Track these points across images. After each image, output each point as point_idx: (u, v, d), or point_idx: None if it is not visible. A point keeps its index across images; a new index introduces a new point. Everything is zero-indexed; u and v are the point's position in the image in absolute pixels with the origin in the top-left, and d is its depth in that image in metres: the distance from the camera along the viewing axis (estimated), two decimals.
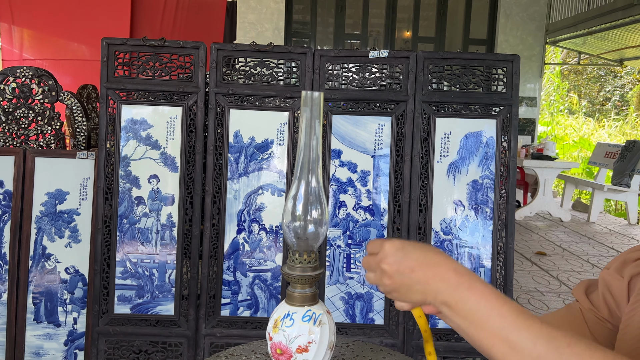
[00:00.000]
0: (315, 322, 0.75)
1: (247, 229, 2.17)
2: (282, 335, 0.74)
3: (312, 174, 0.77)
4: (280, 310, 0.77)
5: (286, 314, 0.76)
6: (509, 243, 2.14)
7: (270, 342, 0.76)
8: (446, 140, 2.16)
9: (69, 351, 2.17)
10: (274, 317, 0.76)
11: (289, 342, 0.74)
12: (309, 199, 0.77)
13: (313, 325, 0.75)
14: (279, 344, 0.74)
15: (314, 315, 0.76)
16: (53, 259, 2.18)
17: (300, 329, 0.74)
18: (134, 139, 2.15)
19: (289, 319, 0.75)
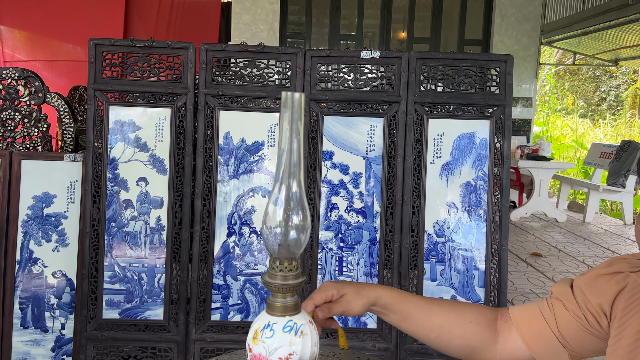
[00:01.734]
0: (296, 332, 0.72)
1: (238, 232, 2.14)
2: (262, 347, 0.71)
3: (294, 178, 0.74)
4: (261, 321, 0.74)
5: (266, 325, 0.73)
6: (502, 245, 2.11)
7: (250, 353, 0.73)
8: (439, 142, 2.13)
9: (57, 357, 2.13)
10: (254, 328, 0.73)
11: (269, 353, 0.71)
12: (290, 204, 0.74)
13: (294, 336, 0.72)
14: (259, 356, 0.71)
15: (296, 326, 0.73)
16: (40, 264, 2.14)
17: (281, 340, 0.71)
18: (122, 141, 2.11)
19: (269, 330, 0.72)
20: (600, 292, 0.79)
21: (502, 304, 2.10)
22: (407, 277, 2.12)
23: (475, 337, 0.88)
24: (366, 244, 2.14)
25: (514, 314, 0.88)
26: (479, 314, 0.90)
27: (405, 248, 2.12)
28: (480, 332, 0.88)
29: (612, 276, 0.79)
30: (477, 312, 0.90)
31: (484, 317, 0.89)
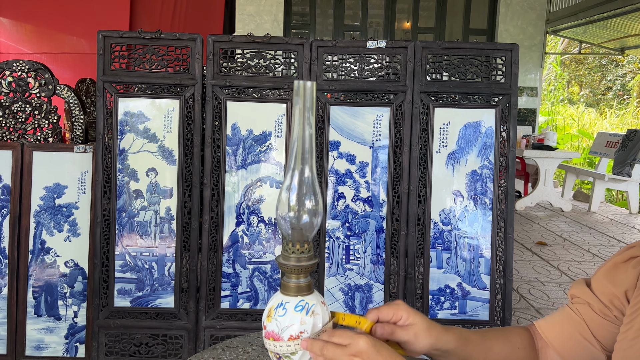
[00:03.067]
0: (307, 312, 0.75)
1: (246, 222, 2.16)
2: (274, 324, 0.74)
3: (306, 164, 0.77)
4: (275, 300, 0.77)
5: (279, 304, 0.76)
6: (508, 233, 2.13)
7: (264, 330, 0.76)
8: (445, 131, 2.15)
9: (70, 344, 2.18)
10: (268, 306, 0.76)
11: (281, 331, 0.74)
12: (303, 189, 0.77)
13: (305, 315, 0.75)
14: (272, 333, 0.74)
15: (307, 305, 0.76)
16: (52, 253, 2.18)
17: (292, 319, 0.74)
18: (131, 132, 2.14)
19: (282, 309, 0.75)
20: (621, 280, 0.79)
21: (507, 291, 2.13)
22: (414, 265, 2.15)
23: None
24: (373, 233, 2.17)
25: (543, 331, 0.88)
26: (522, 337, 0.89)
27: (411, 236, 2.15)
28: (527, 356, 0.88)
29: (628, 262, 0.79)
30: (520, 336, 0.90)
31: (526, 340, 0.89)
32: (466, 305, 2.15)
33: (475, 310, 2.15)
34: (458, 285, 2.15)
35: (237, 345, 0.94)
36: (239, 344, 0.94)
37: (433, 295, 2.15)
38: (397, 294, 2.15)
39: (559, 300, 3.05)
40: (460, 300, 2.15)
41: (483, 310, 2.15)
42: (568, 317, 0.85)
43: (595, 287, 0.83)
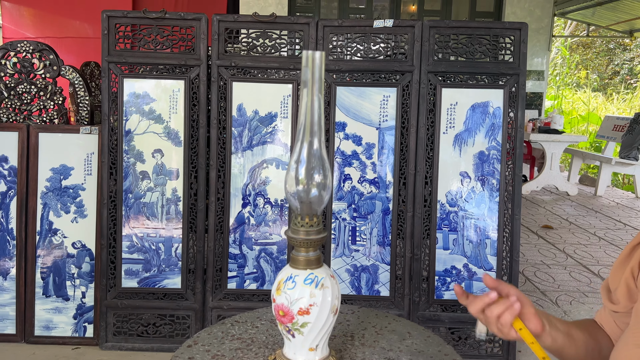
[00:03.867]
0: (317, 285, 0.75)
1: (253, 203, 2.16)
2: (284, 297, 0.74)
3: (315, 136, 0.76)
4: (284, 273, 0.76)
5: (289, 277, 0.75)
6: (515, 214, 2.12)
7: (273, 304, 0.76)
8: (452, 111, 2.13)
9: (79, 324, 2.20)
10: (278, 280, 0.76)
11: (291, 304, 0.74)
12: (312, 162, 0.76)
13: (315, 289, 0.75)
14: (281, 306, 0.74)
15: (317, 279, 0.76)
16: (60, 234, 2.19)
17: (302, 292, 0.74)
18: (136, 113, 2.14)
19: (291, 282, 0.75)
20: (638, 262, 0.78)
21: (514, 273, 2.13)
22: (420, 246, 2.15)
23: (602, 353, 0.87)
24: (379, 214, 2.16)
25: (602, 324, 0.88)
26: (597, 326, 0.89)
27: (417, 218, 2.14)
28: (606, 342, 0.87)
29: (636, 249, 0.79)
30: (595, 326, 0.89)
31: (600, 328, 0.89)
32: (472, 286, 2.15)
33: (482, 292, 2.15)
34: (464, 267, 2.15)
35: (246, 320, 0.94)
36: (248, 319, 0.95)
37: (439, 277, 2.16)
38: (403, 275, 2.15)
39: (564, 283, 3.05)
40: (467, 281, 2.15)
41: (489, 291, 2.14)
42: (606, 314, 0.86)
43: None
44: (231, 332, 0.89)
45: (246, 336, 0.88)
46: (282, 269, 0.77)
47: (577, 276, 3.18)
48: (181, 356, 0.82)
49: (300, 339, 0.75)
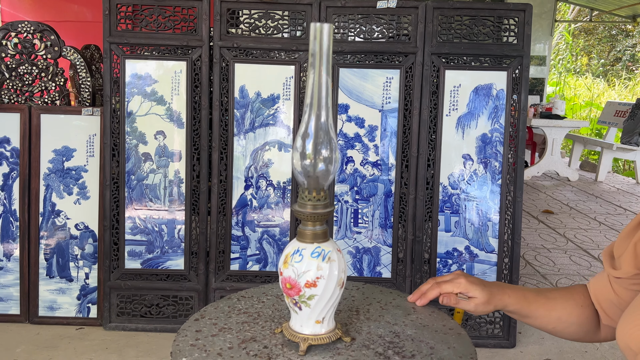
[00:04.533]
0: (324, 258, 0.75)
1: (255, 185, 2.17)
2: (291, 270, 0.75)
3: (322, 109, 0.76)
4: (291, 247, 0.77)
5: (296, 250, 0.76)
6: (517, 197, 2.13)
7: (280, 277, 0.76)
8: (455, 94, 2.12)
9: (82, 305, 2.21)
10: (285, 253, 0.77)
11: (298, 276, 0.74)
12: (319, 136, 0.76)
13: (322, 262, 0.75)
14: (289, 279, 0.75)
15: (323, 252, 0.76)
16: (63, 216, 2.20)
17: (309, 265, 0.75)
18: (138, 95, 2.13)
19: (298, 255, 0.75)
20: None
21: (515, 255, 2.14)
22: (422, 228, 2.15)
23: (588, 321, 0.90)
24: (381, 197, 2.17)
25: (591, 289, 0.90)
26: (584, 295, 0.91)
27: (420, 200, 2.15)
28: (591, 314, 0.89)
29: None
30: (583, 294, 0.91)
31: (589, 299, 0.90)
32: (474, 269, 2.16)
33: (483, 274, 2.16)
34: (466, 249, 2.16)
35: (252, 295, 0.95)
36: (254, 294, 0.95)
37: (441, 259, 2.17)
38: (405, 257, 2.16)
39: (565, 267, 3.07)
40: (468, 263, 2.16)
41: (490, 273, 2.16)
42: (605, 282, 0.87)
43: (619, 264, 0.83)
44: (237, 306, 0.90)
45: (252, 310, 0.89)
46: (289, 243, 0.77)
47: (577, 260, 3.20)
48: (188, 329, 0.83)
49: (307, 312, 0.76)
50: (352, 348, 0.78)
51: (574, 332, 0.91)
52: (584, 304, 0.89)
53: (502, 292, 0.91)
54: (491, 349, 2.13)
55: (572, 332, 0.91)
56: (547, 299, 0.91)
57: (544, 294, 0.92)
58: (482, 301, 0.89)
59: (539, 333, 2.26)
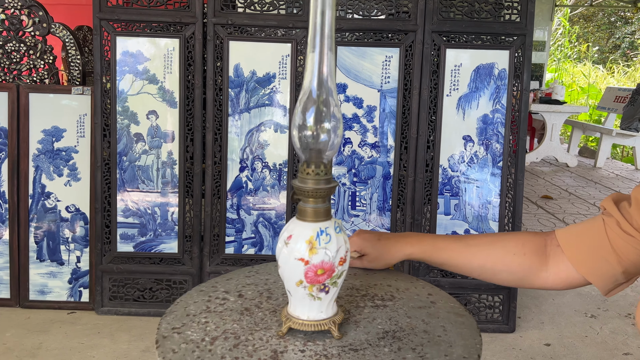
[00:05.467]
0: (341, 230, 0.72)
1: (250, 167, 2.11)
2: (323, 254, 0.69)
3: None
4: (306, 232, 0.70)
5: (319, 232, 0.70)
6: (518, 179, 2.08)
7: (305, 266, 0.70)
8: (456, 73, 2.07)
9: (74, 289, 2.17)
10: (306, 239, 0.70)
11: (332, 258, 0.70)
12: (321, 108, 0.70)
13: (345, 235, 0.72)
14: (322, 264, 0.70)
15: (340, 225, 0.73)
16: (53, 198, 2.14)
17: (338, 241, 0.71)
18: (130, 73, 2.06)
19: (325, 235, 0.70)
20: None
21: None
22: (421, 211, 2.11)
23: (521, 268, 0.85)
24: (379, 179, 2.12)
25: (561, 237, 0.83)
26: (524, 243, 0.86)
27: (419, 182, 2.10)
28: (526, 262, 0.85)
29: None
30: (522, 241, 0.86)
31: (530, 246, 0.85)
32: None
33: None
34: (465, 232, 2.11)
35: (258, 270, 0.91)
36: (261, 269, 0.91)
37: None
38: None
39: None
40: None
41: None
42: (591, 227, 0.81)
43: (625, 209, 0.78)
44: (245, 281, 0.86)
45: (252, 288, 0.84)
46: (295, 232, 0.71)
47: None
48: (185, 300, 0.79)
49: (333, 292, 0.72)
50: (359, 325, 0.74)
51: (503, 279, 0.89)
52: (523, 252, 0.85)
53: (404, 243, 0.91)
54: (490, 334, 2.10)
55: (502, 280, 0.89)
56: (466, 246, 0.89)
57: (463, 241, 0.91)
58: (373, 257, 0.90)
59: (539, 318, 2.23)
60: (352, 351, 0.70)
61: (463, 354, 0.71)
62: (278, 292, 0.86)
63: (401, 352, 0.70)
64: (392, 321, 0.78)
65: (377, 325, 0.77)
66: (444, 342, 0.73)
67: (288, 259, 0.70)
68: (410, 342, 0.73)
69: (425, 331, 0.76)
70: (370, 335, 0.74)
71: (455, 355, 0.70)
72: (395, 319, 0.78)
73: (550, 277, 0.85)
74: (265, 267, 0.94)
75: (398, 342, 0.73)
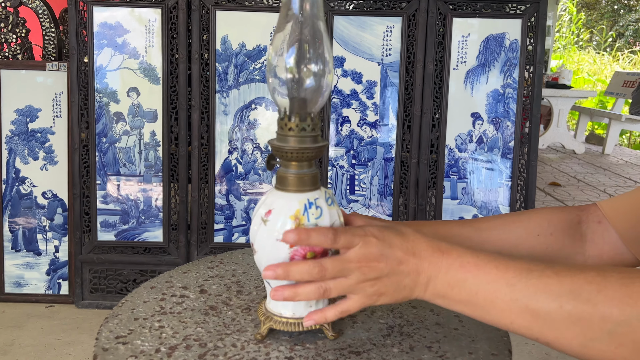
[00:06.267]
0: (333, 202, 0.56)
1: (240, 149, 1.95)
2: None
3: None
4: (290, 205, 0.55)
5: (307, 204, 0.54)
6: (531, 160, 1.92)
7: (291, 250, 0.54)
8: (464, 44, 1.90)
9: (52, 281, 2.02)
10: (288, 214, 0.54)
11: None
12: (304, 47, 0.55)
13: (338, 208, 0.58)
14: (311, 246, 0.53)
15: (332, 196, 0.57)
16: (28, 183, 1.99)
17: (332, 215, 0.56)
18: (108, 47, 1.90)
19: (315, 208, 0.55)
20: None
21: None
22: (425, 196, 1.95)
23: (548, 252, 0.70)
24: (380, 161, 1.96)
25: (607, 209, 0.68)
26: (549, 222, 0.70)
27: (423, 164, 1.94)
28: (554, 243, 0.70)
29: None
30: (547, 219, 0.71)
31: (558, 224, 0.70)
32: None
33: None
34: (474, 218, 1.95)
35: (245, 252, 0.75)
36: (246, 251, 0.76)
37: None
38: None
39: None
40: None
41: None
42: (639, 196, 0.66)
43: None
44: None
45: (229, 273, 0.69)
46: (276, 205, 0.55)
47: None
48: (132, 301, 0.64)
49: None
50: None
51: None
52: (543, 232, 0.70)
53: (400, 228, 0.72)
54: None
55: None
56: (476, 231, 0.71)
57: (472, 224, 0.72)
58: None
59: None
60: (353, 354, 0.55)
61: (491, 350, 0.56)
62: (250, 284, 0.70)
63: (415, 353, 0.55)
64: (395, 313, 0.63)
65: (379, 319, 0.62)
66: (464, 337, 0.58)
67: (267, 241, 0.55)
68: (423, 339, 0.58)
69: (437, 324, 0.61)
70: (372, 332, 0.59)
71: (481, 353, 0.55)
72: (399, 311, 0.64)
73: (588, 261, 0.70)
74: (231, 256, 0.79)
75: (408, 340, 0.58)
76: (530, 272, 0.49)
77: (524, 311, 0.48)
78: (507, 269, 0.50)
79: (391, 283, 0.52)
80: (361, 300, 0.53)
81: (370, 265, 0.51)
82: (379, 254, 0.51)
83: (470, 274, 0.51)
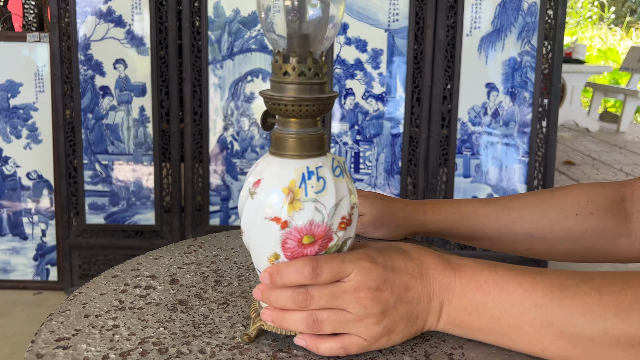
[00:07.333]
0: (344, 174, 0.43)
1: (236, 125, 1.82)
2: (311, 209, 0.40)
3: None
4: (284, 173, 0.41)
5: (307, 173, 0.41)
6: (550, 134, 1.78)
7: (284, 230, 0.40)
8: (478, 8, 1.74)
9: (40, 267, 1.91)
10: (281, 186, 0.40)
11: (328, 217, 0.40)
12: None
13: (349, 179, 0.44)
14: (309, 227, 0.40)
15: (341, 164, 0.44)
16: (11, 163, 1.87)
17: (339, 190, 0.42)
18: (92, 15, 1.76)
19: (316, 179, 0.40)
20: None
21: None
22: (436, 174, 1.81)
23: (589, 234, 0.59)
24: (387, 137, 1.82)
25: None
26: (589, 199, 0.59)
27: (433, 140, 1.80)
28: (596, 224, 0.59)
29: None
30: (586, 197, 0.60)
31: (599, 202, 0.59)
32: None
33: None
34: (488, 197, 1.82)
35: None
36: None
37: None
38: None
39: None
40: None
41: None
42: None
43: None
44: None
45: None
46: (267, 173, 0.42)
47: None
48: (86, 292, 0.51)
49: None
50: None
51: (563, 251, 0.61)
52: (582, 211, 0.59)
53: (415, 208, 0.63)
54: None
55: (561, 252, 0.61)
56: (505, 209, 0.61)
57: (499, 203, 0.62)
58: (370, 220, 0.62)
59: None
60: None
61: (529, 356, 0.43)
62: (231, 273, 0.58)
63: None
64: None
65: None
66: None
67: (255, 219, 0.41)
68: (442, 344, 0.46)
69: None
70: None
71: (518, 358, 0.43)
72: None
73: (635, 244, 0.59)
74: (213, 240, 0.67)
75: (423, 344, 0.45)
76: (562, 289, 0.40)
77: (559, 338, 0.39)
78: (534, 286, 0.41)
79: (401, 316, 0.42)
80: (364, 344, 0.41)
81: (372, 295, 0.40)
82: (382, 280, 0.41)
83: (489, 296, 0.42)
